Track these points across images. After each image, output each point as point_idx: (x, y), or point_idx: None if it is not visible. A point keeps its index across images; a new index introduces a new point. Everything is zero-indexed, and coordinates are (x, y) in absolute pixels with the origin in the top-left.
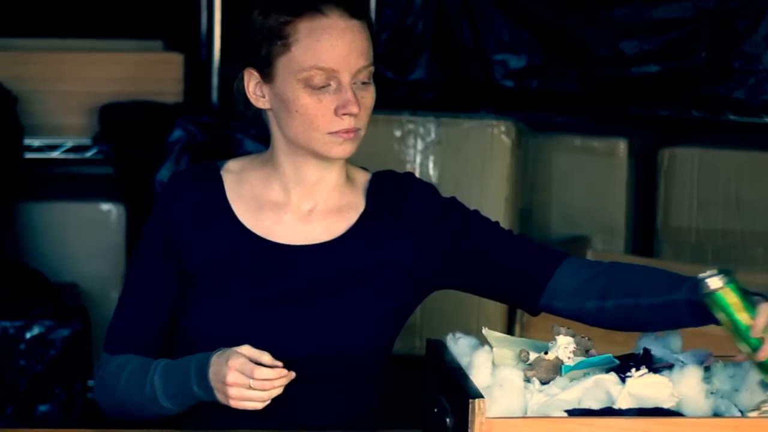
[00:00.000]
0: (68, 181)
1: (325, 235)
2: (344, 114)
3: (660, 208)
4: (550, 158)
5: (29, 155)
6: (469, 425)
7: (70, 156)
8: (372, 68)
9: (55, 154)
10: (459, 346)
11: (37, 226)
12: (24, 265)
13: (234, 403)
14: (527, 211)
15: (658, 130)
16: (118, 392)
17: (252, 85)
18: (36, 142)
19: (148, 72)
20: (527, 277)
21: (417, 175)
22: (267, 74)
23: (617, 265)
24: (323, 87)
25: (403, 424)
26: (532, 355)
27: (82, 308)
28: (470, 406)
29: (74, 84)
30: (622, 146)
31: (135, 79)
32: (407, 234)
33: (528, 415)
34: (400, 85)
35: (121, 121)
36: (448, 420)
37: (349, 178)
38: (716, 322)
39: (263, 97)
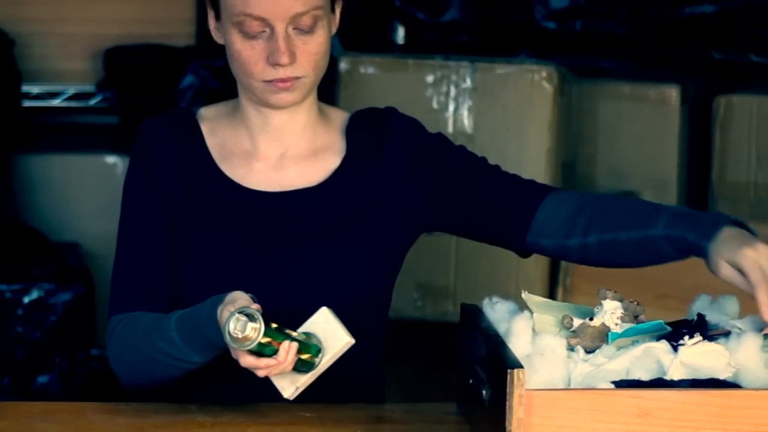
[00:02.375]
0: (70, 132)
1: (300, 181)
2: (274, 64)
3: (715, 161)
4: (596, 107)
5: (27, 103)
6: (508, 397)
7: (72, 104)
8: (320, 12)
9: (55, 102)
10: (496, 311)
11: (35, 181)
12: (22, 223)
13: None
14: (571, 165)
15: (714, 75)
16: (138, 356)
17: (212, 22)
18: (35, 89)
19: (157, 12)
20: (512, 212)
21: (450, 126)
22: (217, 13)
23: (600, 198)
24: (258, 33)
25: (435, 397)
26: (576, 322)
27: (84, 270)
28: (509, 376)
29: (76, 25)
30: (674, 93)
31: (142, 19)
32: (391, 170)
33: (571, 386)
34: (432, 26)
35: (127, 66)
36: (484, 392)
37: (324, 119)
38: (700, 253)
39: (221, 37)
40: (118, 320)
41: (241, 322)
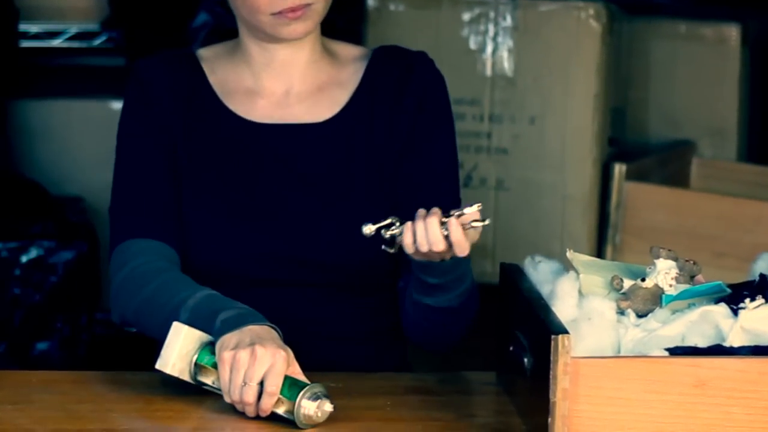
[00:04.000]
0: (72, 75)
1: (308, 117)
2: None
3: None
4: (648, 47)
5: (26, 43)
6: (551, 366)
7: (74, 44)
8: None
9: (56, 43)
10: (539, 271)
11: (34, 129)
12: (19, 175)
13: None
14: (621, 111)
15: None
16: (140, 317)
17: None
18: (34, 28)
19: None
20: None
21: (489, 69)
22: None
23: None
24: None
25: (472, 365)
26: (627, 283)
27: (88, 226)
28: (552, 343)
29: None
30: (734, 33)
31: None
32: (406, 117)
33: (621, 354)
34: None
35: (134, 3)
36: (525, 360)
37: (329, 55)
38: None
39: None
40: (121, 254)
41: (324, 409)
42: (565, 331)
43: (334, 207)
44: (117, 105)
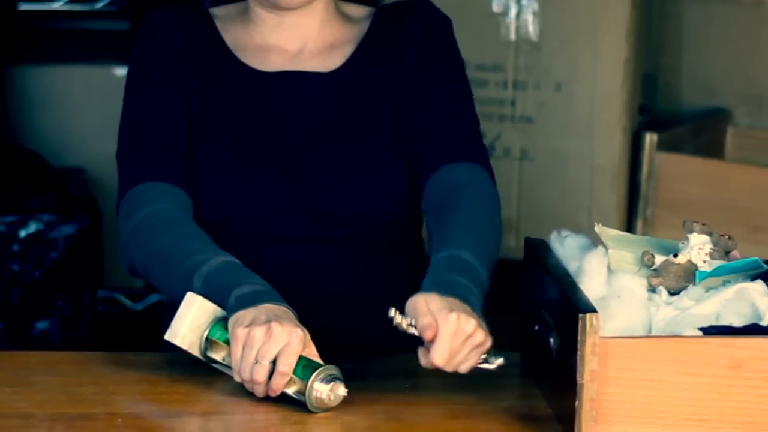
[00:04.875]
0: (73, 39)
1: (320, 68)
2: None
3: None
4: (681, 10)
5: (24, 6)
6: (579, 346)
7: (76, 7)
8: None
9: (56, 5)
10: (566, 247)
11: (34, 96)
12: (18, 145)
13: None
14: (652, 78)
15: None
16: (150, 270)
17: None
18: None
19: None
20: (420, 162)
21: (513, 32)
22: None
23: (464, 212)
24: None
25: (495, 344)
26: (658, 258)
27: (90, 199)
28: (580, 322)
29: None
30: None
31: None
32: (406, 61)
33: (653, 333)
34: None
35: None
36: (551, 340)
37: (341, 15)
38: None
39: None
40: (138, 202)
41: (338, 393)
42: (594, 310)
43: (346, 156)
44: (121, 71)
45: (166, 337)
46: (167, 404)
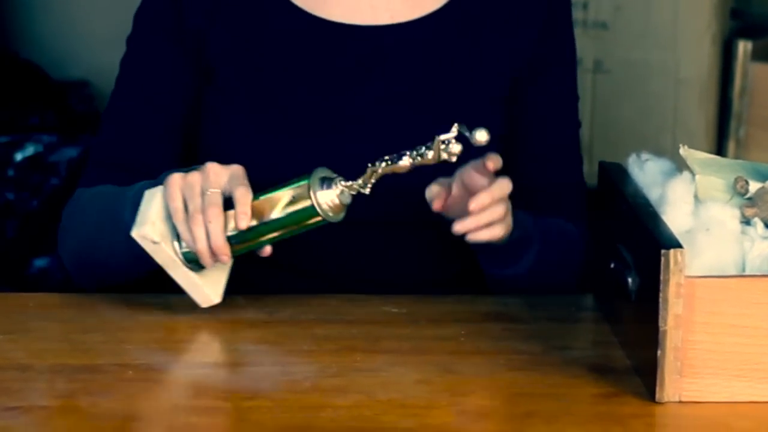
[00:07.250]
0: None
1: (390, 17)
2: None
3: None
4: None
5: None
6: (661, 286)
7: None
8: None
9: None
10: (646, 172)
11: (32, 1)
12: (15, 55)
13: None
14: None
15: None
16: (81, 233)
17: None
18: None
19: None
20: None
21: None
22: None
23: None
24: None
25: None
26: (753, 185)
27: (95, 116)
28: (663, 259)
29: None
30: None
31: None
32: (522, 39)
33: (746, 272)
34: None
35: None
36: (630, 279)
37: None
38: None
39: None
40: (80, 197)
41: (345, 193)
42: (679, 245)
43: (414, 123)
44: None
45: (133, 233)
46: (185, 354)
